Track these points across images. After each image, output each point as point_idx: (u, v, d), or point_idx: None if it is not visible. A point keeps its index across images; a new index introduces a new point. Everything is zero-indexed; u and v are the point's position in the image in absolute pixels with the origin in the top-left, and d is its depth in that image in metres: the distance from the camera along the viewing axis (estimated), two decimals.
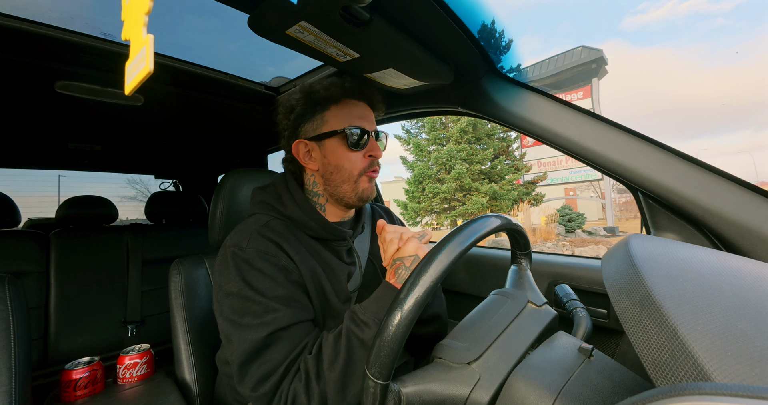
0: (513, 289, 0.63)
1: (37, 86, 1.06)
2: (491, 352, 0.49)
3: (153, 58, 0.30)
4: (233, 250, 0.68)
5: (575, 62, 12.72)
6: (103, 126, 1.54)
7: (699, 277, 0.35)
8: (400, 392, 0.44)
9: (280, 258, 0.68)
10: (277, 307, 0.63)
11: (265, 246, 0.68)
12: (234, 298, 0.64)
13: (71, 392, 0.92)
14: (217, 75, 1.14)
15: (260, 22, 0.65)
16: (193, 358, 0.93)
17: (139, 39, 0.31)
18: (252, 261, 0.66)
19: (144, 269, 1.84)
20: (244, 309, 0.63)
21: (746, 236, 0.61)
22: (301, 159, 0.78)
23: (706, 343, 0.24)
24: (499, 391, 0.45)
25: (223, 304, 0.66)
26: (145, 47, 0.31)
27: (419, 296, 0.42)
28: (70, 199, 1.80)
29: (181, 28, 1.04)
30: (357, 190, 0.77)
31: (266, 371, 0.59)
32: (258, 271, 0.65)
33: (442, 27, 0.71)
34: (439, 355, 0.51)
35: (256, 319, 0.62)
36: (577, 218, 13.19)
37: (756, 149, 68.99)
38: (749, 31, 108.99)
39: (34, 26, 0.81)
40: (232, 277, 0.65)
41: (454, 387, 0.46)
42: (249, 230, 0.71)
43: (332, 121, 0.75)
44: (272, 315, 0.62)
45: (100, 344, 1.64)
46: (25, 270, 1.56)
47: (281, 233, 0.71)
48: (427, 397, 0.45)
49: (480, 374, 0.47)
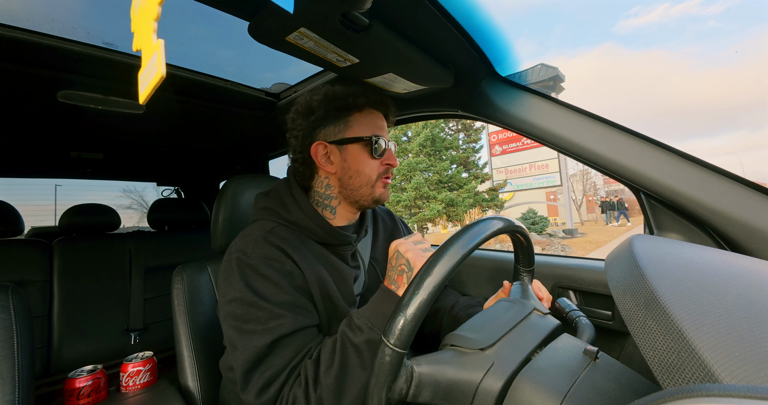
0: (519, 298, 0.64)
1: (40, 95, 1.07)
2: (503, 343, 0.50)
3: (165, 62, 0.31)
4: (238, 256, 0.68)
5: (535, 79, 15.19)
6: (105, 134, 1.55)
7: (704, 278, 0.35)
8: (413, 369, 0.44)
9: (285, 264, 0.68)
10: (282, 314, 0.63)
11: (270, 252, 0.68)
12: (238, 304, 0.64)
13: (74, 401, 0.92)
14: (217, 82, 1.15)
15: (260, 30, 0.66)
16: (197, 365, 0.93)
17: (150, 45, 0.32)
18: (257, 267, 0.66)
19: (146, 276, 1.84)
20: (248, 315, 0.63)
21: (750, 235, 0.61)
22: (318, 160, 0.78)
23: (712, 343, 0.24)
24: (511, 381, 0.44)
25: (227, 310, 0.66)
26: (157, 53, 0.31)
27: (447, 269, 0.43)
28: (73, 208, 1.81)
29: (182, 36, 1.05)
30: (374, 194, 0.79)
31: (269, 378, 0.59)
32: (263, 276, 0.65)
33: (441, 31, 0.71)
34: (452, 342, 0.51)
35: (260, 325, 0.62)
36: (540, 221, 14.63)
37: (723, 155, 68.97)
38: (740, 33, 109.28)
39: (36, 36, 0.82)
40: (237, 283, 0.65)
41: (467, 371, 0.46)
42: (254, 236, 0.71)
43: (356, 128, 0.77)
44: (276, 321, 0.62)
45: (103, 352, 1.64)
46: (29, 279, 1.56)
47: (286, 239, 0.71)
48: (439, 379, 0.45)
49: (493, 360, 0.46)
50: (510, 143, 14.88)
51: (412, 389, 0.44)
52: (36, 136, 1.50)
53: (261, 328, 0.62)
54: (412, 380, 0.44)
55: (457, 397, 0.45)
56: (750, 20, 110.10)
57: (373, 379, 0.42)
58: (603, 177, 31.76)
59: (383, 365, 0.41)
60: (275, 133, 1.60)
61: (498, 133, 15.47)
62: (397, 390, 0.43)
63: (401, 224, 1.03)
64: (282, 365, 0.60)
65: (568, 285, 1.00)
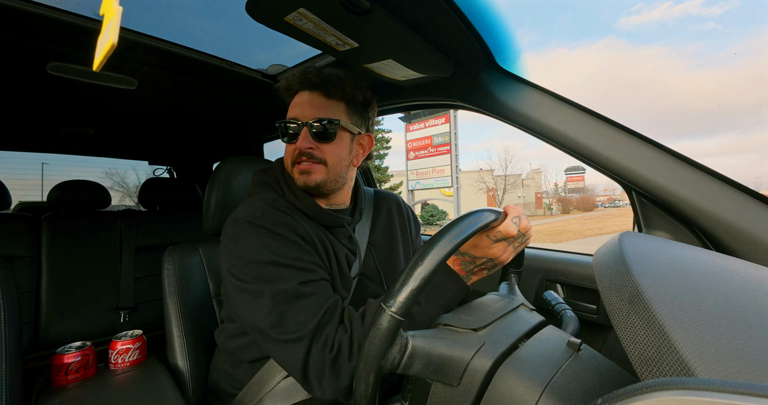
0: (507, 294, 0.66)
1: (28, 67, 1.03)
2: (495, 327, 0.52)
3: (118, 31, 0.29)
4: (250, 221, 0.67)
5: None
6: (97, 109, 1.51)
7: (687, 276, 0.35)
8: (408, 340, 0.45)
9: (297, 227, 0.69)
10: (305, 266, 0.64)
11: (281, 216, 0.69)
12: (257, 264, 0.64)
13: (63, 376, 0.92)
14: (213, 60, 1.12)
15: (259, 8, 0.64)
16: (186, 345, 0.93)
17: (110, 10, 0.30)
18: (271, 228, 0.66)
19: (137, 256, 1.83)
20: (270, 272, 0.63)
21: (734, 236, 0.62)
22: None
23: (691, 339, 0.25)
24: (500, 363, 0.46)
25: (245, 272, 0.64)
26: (113, 19, 0.29)
27: (451, 246, 0.45)
28: (63, 183, 1.77)
29: (177, 11, 1.01)
30: (298, 181, 0.76)
31: (306, 317, 0.60)
32: (279, 235, 0.66)
33: (444, 18, 0.70)
34: (445, 321, 0.53)
35: (285, 274, 0.62)
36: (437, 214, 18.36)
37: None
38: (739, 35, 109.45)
39: (24, 4, 0.79)
40: (254, 245, 0.65)
41: (459, 349, 0.47)
42: (260, 204, 0.71)
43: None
44: (300, 271, 0.63)
45: (92, 329, 1.64)
46: (16, 254, 1.54)
47: (290, 210, 0.73)
48: (432, 352, 0.46)
49: (485, 341, 0.48)
50: (420, 150, 17.62)
51: (405, 360, 0.45)
52: (24, 109, 1.45)
53: (286, 275, 0.62)
54: (406, 351, 0.45)
55: (447, 372, 0.46)
56: (748, 22, 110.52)
57: (367, 345, 0.43)
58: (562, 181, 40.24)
59: (380, 331, 0.42)
60: (271, 116, 1.58)
61: (413, 141, 17.82)
62: (390, 359, 0.43)
63: (410, 218, 1.02)
64: (318, 307, 0.61)
65: (556, 278, 1.02)
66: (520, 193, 27.79)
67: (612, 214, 35.39)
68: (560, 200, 26.68)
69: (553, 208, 28.12)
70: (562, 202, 34.56)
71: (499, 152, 54.65)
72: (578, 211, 42.47)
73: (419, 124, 17.40)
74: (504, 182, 31.57)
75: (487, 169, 32.28)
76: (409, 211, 1.03)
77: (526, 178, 35.37)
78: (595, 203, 56.71)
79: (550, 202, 25.11)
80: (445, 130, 16.29)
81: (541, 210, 34.15)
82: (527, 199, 32.86)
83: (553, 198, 26.16)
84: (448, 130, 15.94)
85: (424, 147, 17.40)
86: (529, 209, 32.40)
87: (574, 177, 62.34)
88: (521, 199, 31.59)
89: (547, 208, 26.33)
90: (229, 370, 0.81)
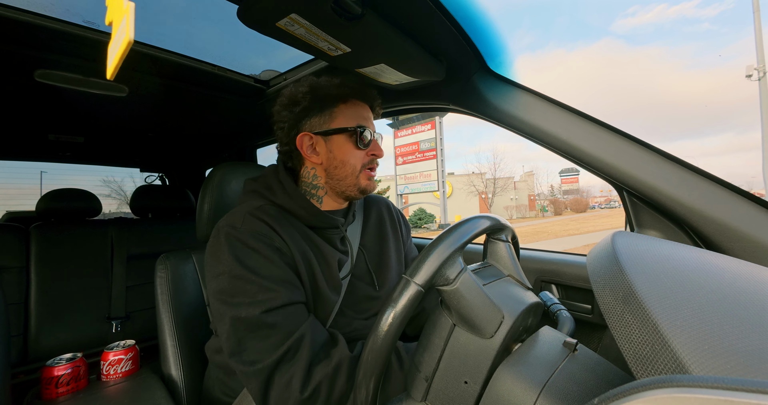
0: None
1: (16, 74, 1.02)
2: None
3: (133, 28, 0.29)
4: (227, 231, 0.67)
5: None
6: (86, 117, 1.50)
7: (679, 274, 0.36)
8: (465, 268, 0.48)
9: (274, 239, 0.68)
10: (272, 287, 0.62)
11: (260, 227, 0.68)
12: (226, 277, 0.63)
13: (53, 389, 0.90)
14: (204, 66, 1.12)
15: (250, 14, 0.64)
16: (180, 354, 0.92)
17: (120, 11, 0.30)
18: (246, 241, 0.66)
19: (129, 264, 1.80)
20: (236, 289, 0.62)
21: (725, 234, 0.63)
22: (304, 151, 0.78)
23: (684, 337, 0.25)
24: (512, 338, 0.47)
25: (214, 285, 0.65)
26: (126, 17, 0.29)
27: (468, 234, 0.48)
28: (52, 192, 1.74)
29: (168, 17, 1.01)
30: (359, 184, 0.79)
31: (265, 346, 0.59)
32: (252, 250, 0.65)
33: (435, 23, 0.71)
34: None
35: (248, 298, 0.61)
36: (425, 217, 19.21)
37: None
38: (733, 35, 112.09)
39: (11, 11, 0.78)
40: (225, 257, 0.64)
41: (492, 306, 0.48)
42: (242, 212, 0.71)
43: (341, 119, 0.78)
44: (266, 295, 0.61)
45: (83, 340, 1.60)
46: (4, 265, 1.51)
47: (274, 217, 0.72)
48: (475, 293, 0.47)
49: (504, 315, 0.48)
50: (408, 156, 18.13)
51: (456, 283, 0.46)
52: (12, 117, 1.43)
53: (248, 300, 0.61)
54: (460, 274, 0.47)
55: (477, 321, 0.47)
56: (743, 24, 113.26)
57: (393, 309, 0.44)
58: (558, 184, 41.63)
59: (409, 300, 0.44)
60: (264, 121, 1.57)
61: (401, 147, 18.36)
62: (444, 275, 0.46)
63: (400, 220, 1.02)
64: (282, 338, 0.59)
65: (551, 279, 1.03)
66: (513, 196, 28.50)
67: (600, 215, 35.80)
68: (553, 202, 27.13)
69: (548, 209, 28.64)
70: (555, 204, 35.25)
71: (488, 155, 55.53)
72: (572, 212, 43.40)
73: (407, 131, 17.92)
74: (494, 185, 32.27)
75: (478, 173, 32.94)
76: (399, 213, 1.03)
77: (519, 181, 36.22)
78: (589, 204, 57.32)
79: (544, 204, 25.53)
80: (431, 136, 16.70)
81: (533, 212, 34.94)
82: (520, 201, 33.76)
83: (545, 200, 26.68)
84: (434, 137, 16.61)
85: (412, 152, 18.00)
86: (522, 211, 33.24)
87: (569, 179, 62.87)
88: (514, 202, 32.37)
89: (541, 210, 26.71)
90: (224, 379, 0.80)
